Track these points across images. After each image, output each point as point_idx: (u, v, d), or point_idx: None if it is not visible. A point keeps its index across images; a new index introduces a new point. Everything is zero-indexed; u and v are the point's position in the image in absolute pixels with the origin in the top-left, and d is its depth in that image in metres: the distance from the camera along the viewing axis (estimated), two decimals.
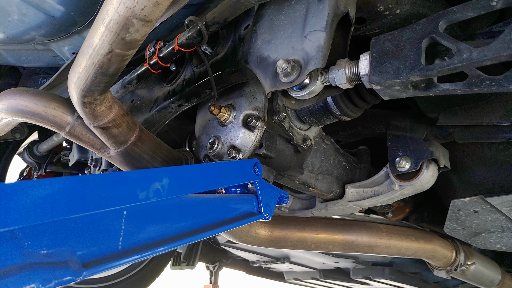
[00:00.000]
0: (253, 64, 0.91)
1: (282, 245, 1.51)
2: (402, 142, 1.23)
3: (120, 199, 0.61)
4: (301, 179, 1.22)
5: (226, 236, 1.40)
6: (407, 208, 1.71)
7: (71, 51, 1.13)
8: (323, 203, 1.45)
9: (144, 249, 0.63)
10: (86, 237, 0.58)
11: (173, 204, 0.72)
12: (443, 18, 0.68)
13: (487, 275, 1.89)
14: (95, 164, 1.52)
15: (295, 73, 0.79)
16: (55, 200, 0.53)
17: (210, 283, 3.54)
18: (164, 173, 0.70)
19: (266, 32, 0.90)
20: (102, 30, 0.77)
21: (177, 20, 1.06)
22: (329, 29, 0.78)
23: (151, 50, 0.97)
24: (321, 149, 1.25)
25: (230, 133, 1.03)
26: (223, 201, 0.84)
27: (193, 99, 1.11)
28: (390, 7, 0.93)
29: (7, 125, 1.07)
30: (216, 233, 0.78)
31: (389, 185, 1.25)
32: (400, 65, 0.71)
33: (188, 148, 1.31)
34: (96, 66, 0.82)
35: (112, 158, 1.05)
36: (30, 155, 1.90)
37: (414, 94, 0.74)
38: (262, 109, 1.01)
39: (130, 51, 0.83)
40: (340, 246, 1.59)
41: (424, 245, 1.70)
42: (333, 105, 1.01)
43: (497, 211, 1.31)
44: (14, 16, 0.93)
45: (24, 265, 0.49)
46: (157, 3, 0.71)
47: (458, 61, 0.64)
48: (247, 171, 0.91)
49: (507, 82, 0.62)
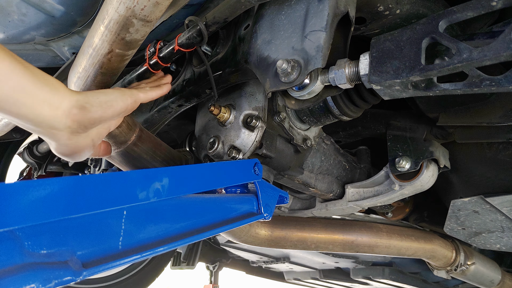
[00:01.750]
0: (253, 64, 0.91)
1: (282, 245, 1.51)
2: (402, 142, 1.23)
3: (120, 199, 0.61)
4: (301, 179, 1.22)
5: (226, 236, 1.40)
6: (407, 208, 1.71)
7: (71, 51, 1.13)
8: (323, 203, 1.45)
9: (144, 249, 0.63)
10: (86, 237, 0.58)
11: (173, 204, 0.72)
12: (443, 18, 0.68)
13: (487, 275, 1.89)
14: (95, 164, 1.52)
15: (295, 73, 0.79)
16: (55, 200, 0.53)
17: (210, 283, 3.54)
18: (164, 173, 0.70)
19: (266, 32, 0.90)
20: (102, 30, 0.77)
21: (177, 20, 1.06)
22: (329, 29, 0.78)
23: (151, 50, 0.97)
24: (321, 149, 1.25)
25: (230, 133, 1.03)
26: (223, 201, 0.84)
27: (193, 99, 1.11)
28: (390, 7, 0.93)
29: (7, 125, 1.07)
30: (216, 233, 0.78)
31: (389, 185, 1.25)
32: (400, 65, 0.71)
33: (188, 148, 1.31)
34: (96, 66, 0.83)
35: (112, 158, 1.05)
36: (30, 155, 1.90)
37: (414, 94, 0.74)
38: (262, 109, 1.01)
39: (130, 51, 0.83)
40: (340, 246, 1.59)
41: (424, 245, 1.70)
42: (333, 105, 1.01)
43: (497, 211, 1.31)
44: (14, 16, 0.93)
45: (24, 265, 0.49)
46: (157, 3, 0.71)
47: (458, 61, 0.64)
48: (247, 171, 0.91)
49: (507, 82, 0.62)
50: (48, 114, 0.62)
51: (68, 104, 0.64)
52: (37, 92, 0.60)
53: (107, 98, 0.71)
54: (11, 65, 0.57)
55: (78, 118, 0.66)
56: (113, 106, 0.72)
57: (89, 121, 0.68)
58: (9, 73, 0.56)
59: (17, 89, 0.57)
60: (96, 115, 0.69)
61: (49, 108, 0.61)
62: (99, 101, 0.70)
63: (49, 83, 0.62)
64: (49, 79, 0.62)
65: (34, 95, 0.59)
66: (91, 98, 0.68)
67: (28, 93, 0.59)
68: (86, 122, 0.68)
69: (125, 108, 0.76)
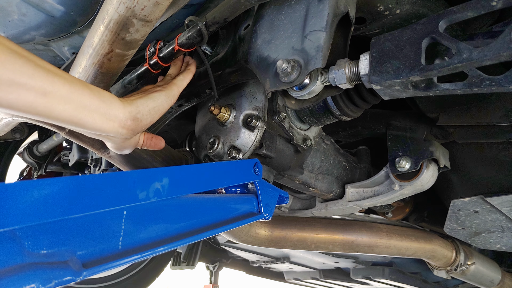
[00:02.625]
0: (253, 64, 0.91)
1: (282, 245, 1.51)
2: (402, 142, 1.23)
3: (120, 199, 0.61)
4: (301, 179, 1.22)
5: (226, 236, 1.40)
6: (407, 208, 1.71)
7: (71, 51, 1.13)
8: (323, 203, 1.45)
9: (144, 249, 0.63)
10: (86, 237, 0.58)
11: (173, 204, 0.72)
12: (443, 18, 0.68)
13: (487, 275, 1.89)
14: (95, 164, 1.52)
15: (295, 73, 0.79)
16: (55, 200, 0.53)
17: (210, 283, 3.54)
18: (164, 173, 0.70)
19: (266, 32, 0.90)
20: (102, 30, 0.77)
21: (177, 20, 1.06)
22: (329, 29, 0.78)
23: (151, 50, 0.97)
24: (321, 149, 1.25)
25: (230, 133, 1.03)
26: (223, 201, 0.84)
27: (193, 99, 1.11)
28: (390, 7, 0.93)
29: (7, 125, 1.07)
30: (216, 233, 0.78)
31: (389, 185, 1.25)
32: (400, 65, 0.71)
33: (188, 148, 1.31)
34: (96, 66, 0.83)
35: (112, 158, 1.05)
36: (30, 155, 1.90)
37: (414, 94, 0.74)
38: (262, 109, 1.01)
39: (130, 51, 0.83)
40: (340, 246, 1.59)
41: (424, 245, 1.70)
42: (333, 105, 1.01)
43: (497, 211, 1.31)
44: (14, 16, 0.93)
45: (24, 265, 0.49)
46: (157, 3, 0.71)
47: (458, 61, 0.64)
48: (247, 171, 0.91)
49: (507, 82, 0.62)
50: (107, 126, 0.69)
51: (123, 116, 0.71)
52: (96, 109, 0.66)
53: (155, 104, 0.78)
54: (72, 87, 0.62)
55: (132, 128, 0.73)
56: (160, 110, 0.80)
57: (142, 129, 0.76)
58: (71, 94, 0.62)
59: (79, 109, 0.64)
60: (147, 122, 0.77)
61: (107, 121, 0.69)
62: (149, 109, 0.77)
63: (105, 98, 0.68)
64: (104, 94, 0.68)
65: (94, 112, 0.66)
66: (141, 108, 0.75)
67: (90, 111, 0.65)
68: (139, 130, 0.76)
69: (169, 107, 0.83)
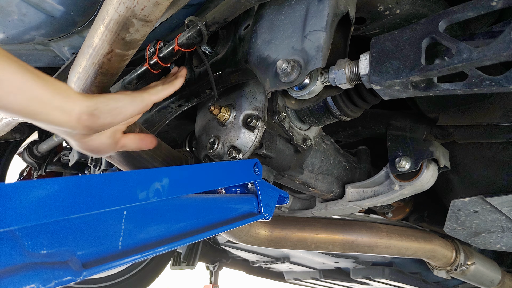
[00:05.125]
0: (253, 64, 0.91)
1: (282, 245, 1.51)
2: (402, 142, 1.23)
3: (120, 199, 0.61)
4: (301, 179, 1.22)
5: (226, 236, 1.40)
6: (407, 208, 1.71)
7: (71, 51, 1.13)
8: (323, 203, 1.45)
9: (144, 249, 0.63)
10: (86, 237, 0.58)
11: (173, 204, 0.72)
12: (443, 18, 0.68)
13: (487, 275, 1.89)
14: (95, 164, 1.52)
15: (295, 73, 0.79)
16: (55, 200, 0.53)
17: (210, 283, 3.54)
18: (164, 173, 0.70)
19: (266, 32, 0.90)
20: (102, 30, 0.77)
21: (177, 20, 1.06)
22: (329, 29, 0.78)
23: (151, 50, 0.97)
24: (321, 149, 1.25)
25: (230, 133, 1.03)
26: (223, 201, 0.84)
27: (193, 99, 1.11)
28: (390, 7, 0.93)
29: (7, 125, 1.07)
30: (216, 233, 0.78)
31: (389, 185, 1.25)
32: (400, 65, 0.71)
33: (188, 148, 1.31)
34: (96, 66, 0.82)
35: (112, 158, 1.05)
36: (30, 155, 1.90)
37: (414, 94, 0.74)
38: (262, 109, 1.01)
39: (130, 51, 0.83)
40: (340, 246, 1.59)
41: (424, 245, 1.70)
42: (333, 105, 1.01)
43: (497, 211, 1.31)
44: (14, 16, 0.93)
45: (24, 265, 0.49)
46: (157, 3, 0.71)
47: (458, 61, 0.64)
48: (247, 171, 0.91)
49: (507, 82, 0.62)
50: (62, 119, 0.65)
51: (78, 110, 0.66)
52: (50, 100, 0.62)
53: (116, 105, 0.73)
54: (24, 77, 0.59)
55: (87, 124, 0.68)
56: (123, 112, 0.74)
57: (99, 127, 0.71)
58: (22, 84, 0.59)
59: (31, 99, 0.60)
60: (106, 121, 0.71)
61: (62, 114, 0.65)
62: (109, 108, 0.71)
63: (61, 90, 0.64)
64: (60, 86, 0.65)
65: (48, 103, 0.62)
66: (100, 105, 0.70)
67: (42, 102, 0.62)
68: (96, 128, 0.70)
69: (136, 113, 0.78)
